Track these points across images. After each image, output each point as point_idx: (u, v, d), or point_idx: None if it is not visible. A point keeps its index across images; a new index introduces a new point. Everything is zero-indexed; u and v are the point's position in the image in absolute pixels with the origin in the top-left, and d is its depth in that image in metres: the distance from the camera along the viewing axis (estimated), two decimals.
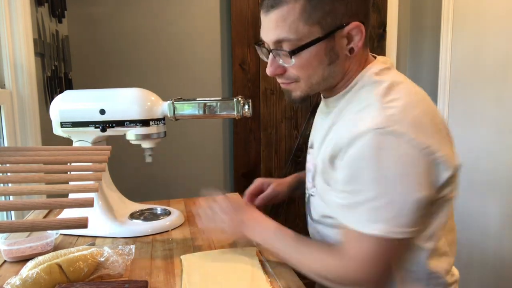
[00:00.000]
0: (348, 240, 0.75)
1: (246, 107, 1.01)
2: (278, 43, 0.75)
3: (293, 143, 2.26)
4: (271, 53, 0.78)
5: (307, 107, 2.26)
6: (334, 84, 0.80)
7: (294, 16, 0.71)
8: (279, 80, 0.82)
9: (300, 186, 1.08)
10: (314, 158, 0.88)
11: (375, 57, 0.83)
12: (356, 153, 0.69)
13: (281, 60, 0.77)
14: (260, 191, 1.07)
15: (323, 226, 0.88)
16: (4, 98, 1.20)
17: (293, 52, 0.74)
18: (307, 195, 0.96)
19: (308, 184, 0.93)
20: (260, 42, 0.80)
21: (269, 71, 0.79)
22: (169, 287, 0.79)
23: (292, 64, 0.76)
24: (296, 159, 2.27)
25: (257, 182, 1.08)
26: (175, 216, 1.13)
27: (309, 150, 0.95)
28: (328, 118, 0.83)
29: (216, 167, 2.21)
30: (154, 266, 0.88)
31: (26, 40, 1.26)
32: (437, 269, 0.79)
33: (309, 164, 0.94)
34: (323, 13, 0.71)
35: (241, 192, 2.04)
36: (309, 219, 0.97)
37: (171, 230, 1.09)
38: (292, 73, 0.78)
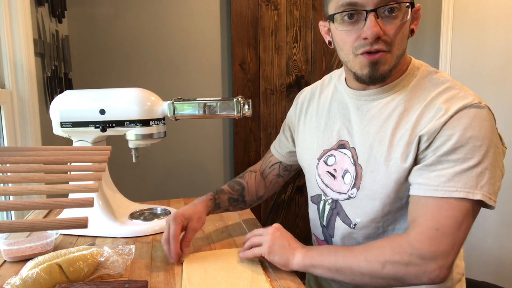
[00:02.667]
0: (430, 210, 0.73)
1: (246, 107, 1.01)
2: None
3: None
4: (371, 15, 0.74)
5: None
6: (397, 64, 0.81)
7: None
8: (375, 47, 0.76)
9: (217, 206, 1.02)
10: (353, 157, 0.85)
11: None
12: (463, 123, 0.73)
13: (394, 13, 0.76)
14: (182, 229, 0.91)
15: (373, 229, 0.85)
16: (4, 98, 1.20)
17: (412, 4, 0.77)
18: (329, 202, 0.91)
19: (338, 187, 0.88)
20: (347, 9, 0.77)
21: (374, 30, 0.74)
22: (169, 287, 0.79)
23: (394, 24, 0.76)
24: None
25: (176, 223, 0.88)
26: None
27: (333, 152, 0.90)
28: (383, 107, 0.83)
29: (216, 167, 2.21)
30: (154, 266, 0.88)
31: (26, 40, 1.26)
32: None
33: (340, 166, 0.88)
34: None
35: None
36: (343, 226, 0.89)
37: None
38: (390, 37, 0.77)
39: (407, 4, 0.76)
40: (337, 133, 0.91)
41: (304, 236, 2.35)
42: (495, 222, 1.83)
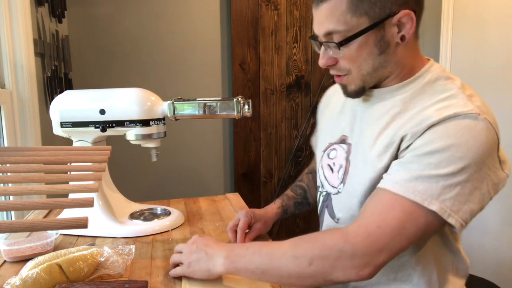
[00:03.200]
0: (381, 205, 0.70)
1: (246, 107, 1.01)
2: (328, 35, 0.76)
3: (293, 143, 2.26)
4: (322, 46, 0.79)
5: (307, 107, 2.26)
6: (387, 74, 0.80)
7: (341, 8, 0.73)
8: (332, 72, 0.82)
9: (285, 212, 1.08)
10: (347, 153, 0.86)
11: (427, 58, 0.84)
12: (449, 130, 0.69)
13: (331, 51, 0.78)
14: (249, 224, 0.98)
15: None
16: (4, 98, 1.20)
17: (341, 44, 0.75)
18: (323, 194, 0.92)
19: (333, 181, 0.89)
20: (314, 36, 0.81)
21: (321, 62, 0.80)
22: (169, 287, 0.79)
23: (342, 55, 0.77)
24: (296, 159, 2.27)
25: (246, 218, 0.97)
26: (175, 216, 1.13)
27: (335, 146, 0.90)
28: (381, 107, 0.81)
29: (216, 167, 2.21)
30: (154, 266, 0.88)
31: (26, 40, 1.26)
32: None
33: (338, 160, 0.88)
34: (370, 4, 0.73)
35: (241, 192, 2.05)
36: (328, 219, 0.90)
37: (171, 230, 1.08)
38: (343, 64, 0.79)
39: (341, 42, 0.74)
40: (342, 128, 0.90)
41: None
42: (495, 221, 1.83)
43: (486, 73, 1.86)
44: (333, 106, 0.99)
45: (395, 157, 0.75)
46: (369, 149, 0.79)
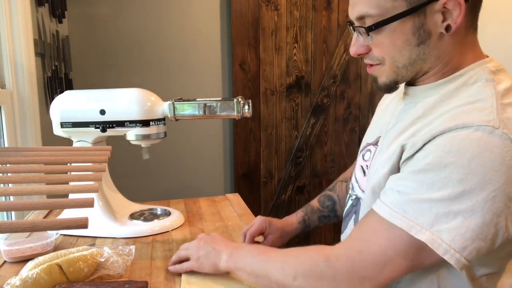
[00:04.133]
0: (367, 227, 0.64)
1: (246, 107, 1.01)
2: (361, 19, 0.67)
3: (293, 143, 2.26)
4: (355, 32, 0.70)
5: (307, 107, 2.26)
6: (426, 70, 0.69)
7: None
8: (365, 61, 0.72)
9: (307, 226, 1.01)
10: (373, 153, 0.78)
11: (488, 57, 0.71)
12: (452, 144, 0.57)
13: (362, 38, 0.69)
14: (261, 232, 0.95)
15: None
16: (4, 98, 1.20)
17: (370, 28, 0.65)
18: (353, 197, 0.84)
19: (363, 184, 0.79)
20: (350, 21, 0.72)
21: (352, 50, 0.71)
22: (169, 287, 0.79)
23: (372, 43, 0.68)
24: (296, 160, 2.27)
25: (260, 225, 0.94)
26: (175, 216, 1.13)
27: (370, 147, 0.81)
28: (413, 108, 0.71)
29: (216, 167, 2.21)
30: (154, 266, 0.88)
31: (26, 40, 1.26)
32: None
33: (369, 163, 0.79)
34: None
35: (241, 192, 2.04)
36: (353, 226, 0.82)
37: (171, 230, 1.08)
38: (376, 53, 0.69)
39: (371, 26, 0.66)
40: (380, 128, 0.80)
41: (304, 236, 2.35)
42: None
43: None
44: (384, 105, 0.89)
45: (397, 168, 0.67)
46: (383, 153, 0.72)
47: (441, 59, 0.67)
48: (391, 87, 0.72)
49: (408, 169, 0.62)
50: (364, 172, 0.81)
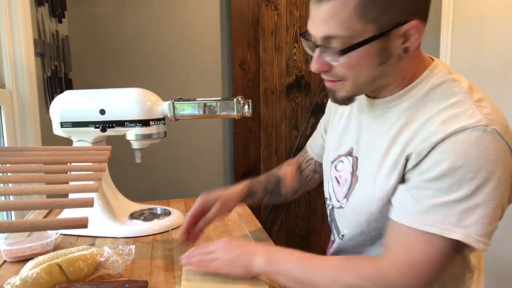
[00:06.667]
0: (404, 240, 0.67)
1: (246, 107, 1.01)
2: (327, 39, 0.68)
3: (293, 143, 2.26)
4: (317, 49, 0.70)
5: (307, 107, 2.26)
6: (384, 85, 0.74)
7: (348, 11, 0.64)
8: (324, 77, 0.74)
9: (252, 194, 1.00)
10: (353, 167, 0.81)
11: (432, 58, 0.77)
12: (456, 148, 0.63)
13: (328, 57, 0.70)
14: (203, 211, 0.92)
15: (361, 241, 0.81)
16: (4, 98, 1.20)
17: (343, 51, 0.67)
18: (330, 207, 0.89)
19: (338, 195, 0.85)
20: (305, 34, 0.72)
21: (314, 67, 0.72)
22: (169, 287, 0.79)
23: (340, 63, 0.69)
24: None
25: (200, 202, 0.92)
26: (175, 216, 1.13)
27: (343, 158, 0.85)
28: (386, 119, 0.76)
29: (216, 167, 2.21)
30: (154, 266, 0.88)
31: (26, 40, 1.26)
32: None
33: (344, 173, 0.84)
34: (381, 10, 0.64)
35: None
36: (335, 235, 0.88)
37: (171, 230, 1.08)
38: (339, 71, 0.71)
39: (344, 49, 0.67)
40: (350, 139, 0.85)
41: (304, 236, 2.35)
42: None
43: (486, 73, 1.86)
44: (340, 112, 0.93)
45: (402, 176, 0.71)
46: (378, 167, 0.75)
47: (399, 74, 0.73)
48: (349, 100, 0.75)
49: (421, 178, 0.67)
50: (339, 182, 0.85)
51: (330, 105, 0.99)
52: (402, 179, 0.71)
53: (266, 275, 0.79)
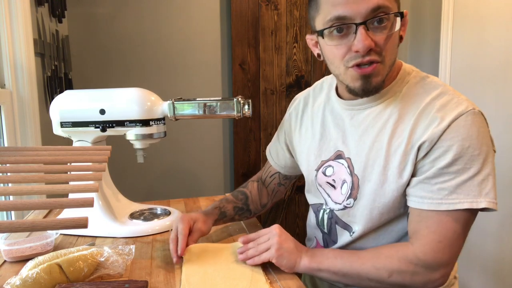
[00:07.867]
0: (433, 223, 0.75)
1: (246, 107, 1.01)
2: (378, 9, 0.73)
3: None
4: (361, 27, 0.72)
5: None
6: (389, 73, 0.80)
7: None
8: (366, 59, 0.75)
9: (223, 215, 1.04)
10: (349, 167, 0.85)
11: None
12: (460, 132, 0.73)
13: (377, 30, 0.74)
14: (189, 229, 0.93)
15: (372, 236, 0.86)
16: (4, 98, 1.20)
17: (401, 15, 0.75)
18: (327, 211, 0.92)
19: (336, 197, 0.89)
20: (336, 24, 0.75)
21: (366, 43, 0.72)
22: (169, 287, 0.79)
23: (385, 35, 0.74)
24: None
25: (185, 222, 0.92)
26: (175, 216, 1.13)
27: (331, 163, 0.90)
28: (373, 115, 0.83)
29: (216, 167, 2.21)
30: (154, 266, 0.88)
31: (26, 40, 1.26)
32: None
33: (338, 176, 0.88)
34: None
35: None
36: (343, 233, 0.90)
37: (171, 230, 1.08)
38: (380, 48, 0.75)
39: (397, 13, 0.75)
40: (334, 144, 0.90)
41: (304, 235, 2.35)
42: (495, 222, 1.83)
43: (486, 73, 1.86)
44: (309, 122, 0.96)
45: (414, 166, 0.77)
46: (384, 162, 0.80)
47: (394, 63, 0.80)
48: (377, 89, 0.79)
49: (436, 166, 0.74)
50: (333, 186, 0.90)
51: (291, 120, 1.03)
52: (414, 170, 0.77)
53: (308, 272, 0.84)
